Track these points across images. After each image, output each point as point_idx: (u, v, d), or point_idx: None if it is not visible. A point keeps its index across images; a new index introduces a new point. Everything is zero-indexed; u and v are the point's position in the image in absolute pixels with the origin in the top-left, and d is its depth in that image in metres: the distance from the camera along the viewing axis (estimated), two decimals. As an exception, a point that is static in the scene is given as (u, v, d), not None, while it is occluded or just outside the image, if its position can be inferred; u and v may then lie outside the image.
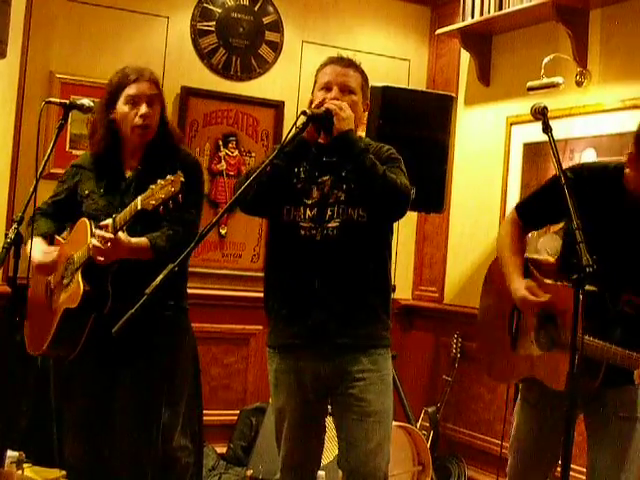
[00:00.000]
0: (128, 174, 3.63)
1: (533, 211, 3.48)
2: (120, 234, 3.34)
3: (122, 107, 3.58)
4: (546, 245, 3.39)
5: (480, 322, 3.65)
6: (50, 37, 5.26)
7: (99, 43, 5.37)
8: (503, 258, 3.45)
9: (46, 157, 3.68)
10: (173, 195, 3.15)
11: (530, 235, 3.62)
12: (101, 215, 3.46)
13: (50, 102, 3.87)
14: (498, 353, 3.49)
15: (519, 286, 3.28)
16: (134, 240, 3.42)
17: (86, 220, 3.52)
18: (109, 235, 3.32)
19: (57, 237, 3.69)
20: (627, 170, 3.14)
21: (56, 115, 4.84)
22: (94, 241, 3.34)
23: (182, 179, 3.14)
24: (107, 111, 3.61)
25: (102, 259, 3.36)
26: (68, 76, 5.27)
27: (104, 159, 3.66)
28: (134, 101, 3.57)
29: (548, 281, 3.28)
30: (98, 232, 3.34)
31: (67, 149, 5.24)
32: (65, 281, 3.53)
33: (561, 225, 3.49)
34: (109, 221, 3.35)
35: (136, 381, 3.54)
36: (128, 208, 3.30)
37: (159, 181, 3.19)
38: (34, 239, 3.60)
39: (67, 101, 3.73)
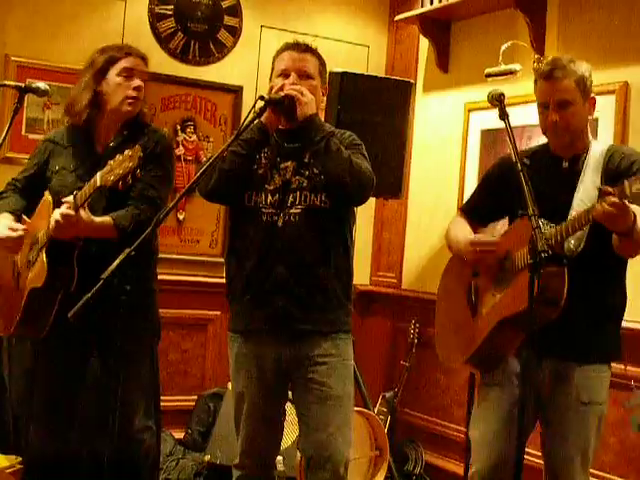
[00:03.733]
0: (100, 151, 3.62)
1: (478, 207, 3.55)
2: (81, 211, 3.31)
3: (115, 78, 3.57)
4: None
5: (438, 312, 3.62)
6: (6, 19, 5.18)
7: (56, 26, 5.31)
8: (452, 239, 3.50)
9: (1, 141, 3.65)
10: (131, 170, 3.15)
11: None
12: (67, 192, 3.43)
13: (5, 85, 3.85)
14: (459, 330, 3.43)
15: (469, 235, 3.37)
16: (97, 219, 3.40)
17: (49, 197, 3.52)
18: (70, 212, 3.29)
19: (24, 218, 3.65)
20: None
21: (12, 98, 4.78)
22: (55, 217, 3.32)
23: (140, 154, 3.14)
24: (95, 82, 3.59)
25: (61, 235, 3.34)
26: (24, 59, 5.19)
27: (80, 132, 3.64)
28: (128, 74, 3.58)
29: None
30: (59, 210, 3.32)
31: (23, 133, 5.18)
32: (31, 260, 3.51)
33: None
34: (70, 198, 3.33)
35: (97, 364, 3.55)
36: (88, 185, 3.29)
37: (117, 156, 3.19)
38: (3, 214, 3.59)
39: (22, 84, 3.70)
